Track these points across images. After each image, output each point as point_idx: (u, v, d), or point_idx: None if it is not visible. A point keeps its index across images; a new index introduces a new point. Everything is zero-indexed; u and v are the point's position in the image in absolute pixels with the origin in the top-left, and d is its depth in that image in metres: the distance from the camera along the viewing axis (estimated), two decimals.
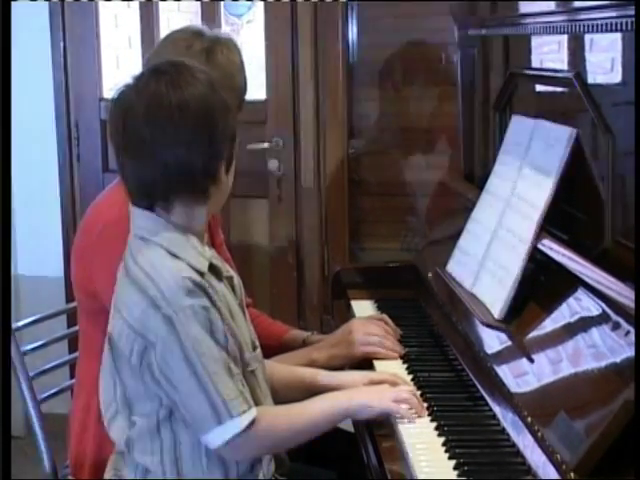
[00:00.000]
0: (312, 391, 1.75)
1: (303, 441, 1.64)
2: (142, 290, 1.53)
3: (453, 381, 1.86)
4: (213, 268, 1.58)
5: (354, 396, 1.68)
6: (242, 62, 2.02)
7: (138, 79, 1.58)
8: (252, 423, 1.53)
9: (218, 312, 1.53)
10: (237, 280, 1.68)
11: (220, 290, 1.57)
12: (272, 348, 2.02)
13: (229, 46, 1.99)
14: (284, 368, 1.83)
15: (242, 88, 2.01)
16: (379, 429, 1.67)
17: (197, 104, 1.54)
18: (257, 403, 1.58)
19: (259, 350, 1.67)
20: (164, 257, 1.54)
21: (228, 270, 1.65)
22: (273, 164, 3.42)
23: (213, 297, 1.53)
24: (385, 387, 1.74)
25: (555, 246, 1.72)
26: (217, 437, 1.53)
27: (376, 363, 1.96)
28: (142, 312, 1.52)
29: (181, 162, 1.53)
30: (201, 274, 1.54)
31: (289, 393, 1.77)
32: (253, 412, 1.54)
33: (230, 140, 1.59)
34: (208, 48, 1.95)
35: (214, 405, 1.51)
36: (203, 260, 1.56)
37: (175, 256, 1.54)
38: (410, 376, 1.88)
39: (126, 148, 1.56)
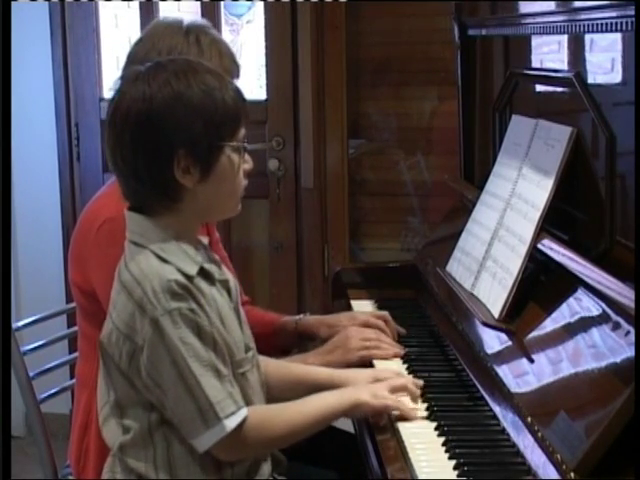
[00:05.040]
0: (312, 388, 1.73)
1: (298, 439, 1.62)
2: (129, 293, 1.52)
3: (453, 381, 1.86)
4: (204, 272, 1.57)
5: (348, 394, 1.67)
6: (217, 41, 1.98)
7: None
8: (242, 424, 1.52)
9: (206, 315, 1.52)
10: (232, 283, 1.66)
11: (209, 294, 1.55)
12: (267, 336, 2.02)
13: (206, 29, 1.97)
14: (281, 366, 1.82)
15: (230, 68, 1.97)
16: (379, 429, 1.67)
17: (138, 110, 1.51)
18: (248, 405, 1.56)
19: (253, 352, 1.66)
20: (153, 261, 1.53)
21: (222, 273, 1.63)
22: (273, 164, 3.42)
23: (200, 300, 1.52)
24: (380, 384, 1.73)
25: (555, 246, 1.72)
26: (206, 440, 1.50)
27: (376, 362, 1.96)
28: (129, 315, 1.51)
29: (132, 169, 1.53)
30: (189, 278, 1.53)
31: (285, 391, 1.76)
32: (243, 412, 1.52)
33: (189, 144, 1.52)
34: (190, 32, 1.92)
35: (201, 408, 1.49)
36: (193, 264, 1.55)
37: (164, 260, 1.53)
38: (410, 376, 1.87)
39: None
